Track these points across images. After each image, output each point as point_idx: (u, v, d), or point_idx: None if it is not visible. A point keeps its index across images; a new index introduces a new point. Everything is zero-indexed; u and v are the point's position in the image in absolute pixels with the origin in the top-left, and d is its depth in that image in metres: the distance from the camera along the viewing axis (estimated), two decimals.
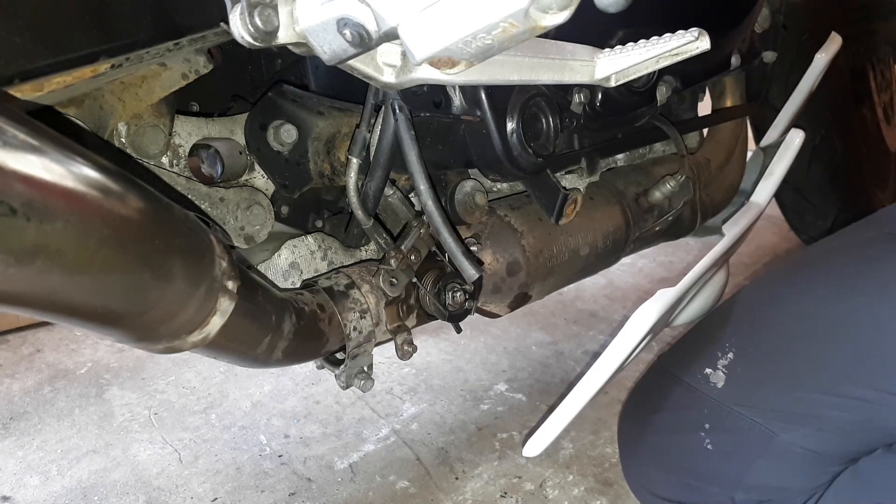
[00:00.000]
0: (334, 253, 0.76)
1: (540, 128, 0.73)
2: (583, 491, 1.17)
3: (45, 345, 1.73)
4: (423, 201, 0.66)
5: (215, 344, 0.53)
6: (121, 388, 1.54)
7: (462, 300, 0.73)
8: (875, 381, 0.67)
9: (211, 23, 0.55)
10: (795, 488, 0.74)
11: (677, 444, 0.80)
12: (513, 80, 0.58)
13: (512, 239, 0.83)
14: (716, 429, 0.76)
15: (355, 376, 0.69)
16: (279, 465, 1.26)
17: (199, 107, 0.76)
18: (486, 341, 1.68)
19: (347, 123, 0.72)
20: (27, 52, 0.47)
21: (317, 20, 0.46)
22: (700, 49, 0.62)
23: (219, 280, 0.51)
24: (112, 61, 0.52)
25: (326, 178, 0.72)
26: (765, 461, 0.74)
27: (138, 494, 1.20)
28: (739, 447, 0.75)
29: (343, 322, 0.66)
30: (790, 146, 1.19)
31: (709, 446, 0.77)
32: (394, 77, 0.53)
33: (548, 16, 0.42)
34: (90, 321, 0.44)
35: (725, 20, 0.95)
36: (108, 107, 0.59)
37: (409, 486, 1.20)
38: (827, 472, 0.74)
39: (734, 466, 0.76)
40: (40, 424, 1.41)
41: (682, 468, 0.80)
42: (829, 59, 1.23)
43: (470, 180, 0.79)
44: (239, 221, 0.69)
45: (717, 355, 0.77)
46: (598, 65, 0.63)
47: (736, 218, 1.16)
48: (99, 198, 0.41)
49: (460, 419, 1.39)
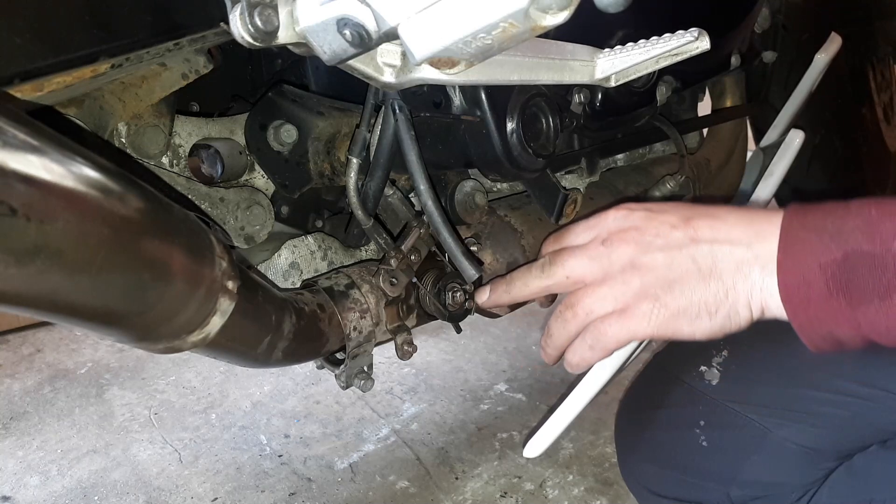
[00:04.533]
0: (334, 253, 0.76)
1: (540, 128, 0.73)
2: (583, 491, 1.17)
3: (45, 345, 1.73)
4: (423, 201, 0.66)
5: (215, 344, 0.53)
6: (121, 388, 1.54)
7: (462, 300, 0.73)
8: (869, 378, 0.67)
9: (211, 23, 0.55)
10: (790, 484, 0.75)
11: (673, 441, 0.81)
12: (513, 80, 0.58)
13: (512, 239, 0.83)
14: (711, 426, 0.77)
15: (355, 376, 0.69)
16: (279, 465, 1.26)
17: (199, 107, 0.76)
18: (486, 341, 1.68)
19: (347, 123, 0.72)
20: (27, 52, 0.47)
21: (317, 20, 0.46)
22: (700, 49, 0.62)
23: (219, 280, 0.51)
24: (112, 61, 0.52)
25: (326, 178, 0.73)
26: (759, 457, 0.74)
27: (138, 494, 1.20)
28: (734, 444, 0.75)
29: (343, 322, 0.66)
30: (790, 146, 1.19)
31: (704, 443, 0.77)
32: (394, 77, 0.53)
33: (548, 16, 0.42)
34: (90, 321, 0.44)
35: (725, 20, 0.95)
36: (108, 107, 0.59)
37: (409, 485, 1.20)
38: (821, 469, 0.74)
39: (729, 463, 0.76)
40: (40, 424, 1.41)
41: (678, 464, 0.80)
42: (829, 59, 1.23)
43: (470, 180, 0.79)
44: (239, 221, 0.69)
45: (712, 353, 0.77)
46: (598, 65, 0.63)
47: None
48: (99, 198, 0.41)
49: (460, 419, 1.39)
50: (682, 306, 0.59)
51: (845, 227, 0.53)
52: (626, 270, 0.60)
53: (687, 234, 0.59)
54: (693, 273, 0.58)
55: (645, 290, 0.60)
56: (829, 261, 0.52)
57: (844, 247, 0.52)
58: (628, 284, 0.60)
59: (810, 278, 0.53)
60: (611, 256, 0.61)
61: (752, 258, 0.56)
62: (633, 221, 0.62)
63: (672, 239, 0.59)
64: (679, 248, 0.59)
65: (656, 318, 0.59)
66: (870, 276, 0.51)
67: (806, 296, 0.54)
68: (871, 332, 0.53)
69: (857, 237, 0.52)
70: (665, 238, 0.59)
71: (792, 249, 0.54)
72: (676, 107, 1.08)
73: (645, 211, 0.62)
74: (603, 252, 0.62)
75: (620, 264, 0.61)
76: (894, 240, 0.50)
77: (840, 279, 0.52)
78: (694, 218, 0.60)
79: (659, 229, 0.60)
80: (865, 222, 0.52)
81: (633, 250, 0.60)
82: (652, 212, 0.62)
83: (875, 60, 1.80)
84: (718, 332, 0.59)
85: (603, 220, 0.64)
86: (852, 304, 0.52)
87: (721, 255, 0.57)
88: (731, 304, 0.58)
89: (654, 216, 0.61)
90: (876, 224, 0.51)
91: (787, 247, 0.55)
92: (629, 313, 0.60)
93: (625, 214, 0.63)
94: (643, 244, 0.60)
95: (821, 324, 0.54)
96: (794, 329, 0.56)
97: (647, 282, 0.59)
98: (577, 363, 0.64)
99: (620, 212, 0.63)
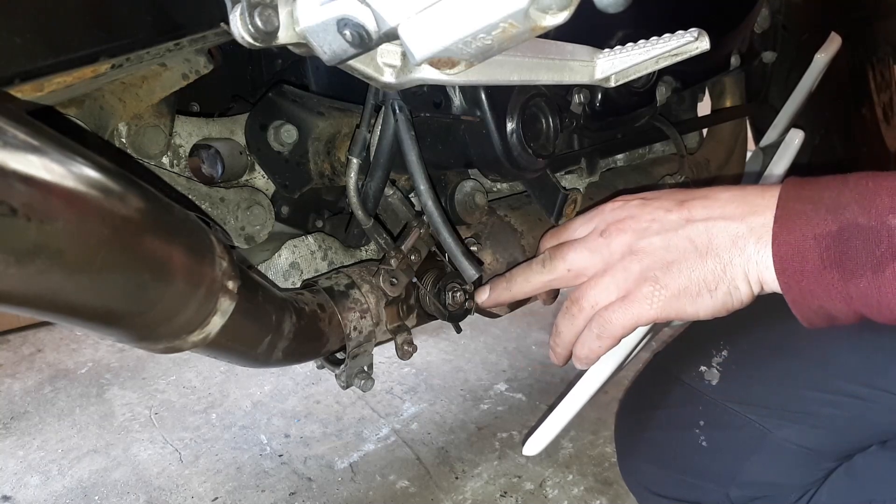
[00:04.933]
0: (334, 253, 0.76)
1: (540, 128, 0.73)
2: (582, 490, 1.17)
3: (45, 345, 1.73)
4: (423, 201, 0.66)
5: (216, 344, 0.53)
6: (121, 387, 1.54)
7: (462, 300, 0.74)
8: (869, 378, 0.67)
9: (211, 23, 0.55)
10: (790, 485, 0.75)
11: (673, 441, 0.81)
12: (513, 80, 0.58)
13: (512, 239, 0.83)
14: (710, 426, 0.77)
15: (355, 376, 0.69)
16: (279, 465, 1.27)
17: (199, 107, 0.76)
18: (486, 341, 1.68)
19: (347, 123, 0.72)
20: (27, 52, 0.47)
21: (317, 20, 0.46)
22: (700, 49, 0.62)
23: (219, 280, 0.51)
24: (112, 61, 0.52)
25: (326, 179, 0.73)
26: (759, 458, 0.74)
27: (139, 494, 1.20)
28: (734, 444, 0.76)
29: (343, 322, 0.66)
30: (790, 146, 1.19)
31: (704, 443, 0.77)
32: (394, 77, 0.53)
33: (547, 16, 0.42)
34: (90, 321, 0.44)
35: (725, 20, 0.95)
36: (108, 107, 0.59)
37: (409, 485, 1.20)
38: (821, 469, 0.74)
39: (729, 463, 0.76)
40: (41, 424, 1.41)
41: (678, 465, 0.80)
42: (829, 59, 1.23)
43: (470, 180, 0.79)
44: (239, 221, 0.69)
45: (712, 353, 0.77)
46: (598, 65, 0.63)
47: None
48: (99, 198, 0.41)
49: (460, 419, 1.39)
50: (682, 285, 0.59)
51: (841, 200, 0.53)
52: (626, 257, 0.61)
53: (682, 216, 0.60)
54: (690, 252, 0.59)
55: (644, 274, 0.60)
56: (824, 232, 0.52)
57: (840, 219, 0.52)
58: (629, 270, 0.61)
59: (805, 250, 0.53)
60: (610, 246, 0.62)
61: (747, 231, 0.56)
62: (629, 211, 0.62)
63: (667, 222, 0.60)
64: (675, 229, 0.60)
65: (658, 300, 0.60)
66: (863, 250, 0.51)
67: (800, 268, 0.54)
68: (862, 307, 0.53)
69: (853, 209, 0.52)
70: (661, 222, 0.60)
71: (787, 221, 0.54)
72: (676, 107, 1.08)
73: (639, 199, 0.63)
74: (602, 243, 0.62)
75: (620, 252, 0.61)
76: (889, 213, 0.50)
77: (834, 252, 0.52)
78: (687, 200, 0.61)
79: (654, 214, 0.61)
80: (861, 195, 0.52)
81: (630, 237, 0.61)
82: (646, 199, 0.63)
83: (875, 60, 1.80)
84: (721, 309, 0.60)
85: (600, 213, 0.65)
86: (845, 277, 0.52)
87: (716, 231, 0.58)
88: (731, 279, 0.58)
89: (648, 203, 0.62)
90: (872, 197, 0.51)
91: (782, 218, 0.55)
92: (631, 298, 0.61)
93: (620, 205, 0.64)
94: (640, 230, 0.61)
95: (813, 297, 0.54)
96: (788, 305, 0.56)
97: (645, 265, 0.60)
98: (586, 356, 0.65)
99: (616, 203, 0.64)
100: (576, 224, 0.67)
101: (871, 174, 0.53)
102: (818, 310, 0.55)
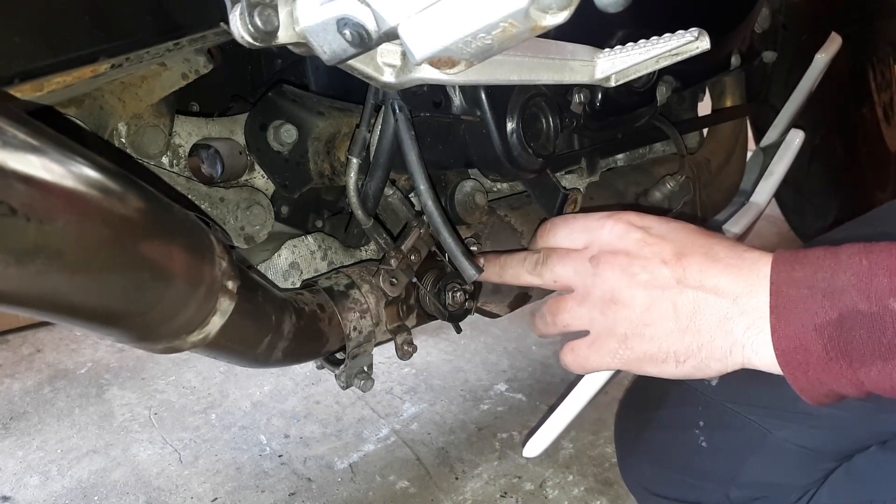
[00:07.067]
0: (334, 253, 0.76)
1: (540, 128, 0.73)
2: (583, 491, 1.17)
3: (45, 345, 1.73)
4: (423, 201, 0.66)
5: (215, 344, 0.53)
6: (121, 388, 1.54)
7: (462, 300, 0.73)
8: None
9: (211, 23, 0.55)
10: (790, 485, 0.75)
11: (672, 441, 0.81)
12: (513, 80, 0.58)
13: (512, 239, 0.83)
14: (710, 426, 0.77)
15: (355, 376, 0.69)
16: (279, 465, 1.26)
17: (199, 107, 0.76)
18: (486, 341, 1.68)
19: (347, 123, 0.72)
20: (27, 52, 0.47)
21: (317, 20, 0.46)
22: (700, 49, 0.62)
23: (219, 280, 0.51)
24: (112, 61, 0.52)
25: (326, 178, 0.73)
26: (759, 458, 0.74)
27: (138, 494, 1.20)
28: (734, 444, 0.76)
29: (343, 322, 0.66)
30: (790, 146, 1.19)
31: (703, 443, 0.77)
32: (394, 77, 0.53)
33: (548, 16, 0.42)
34: (90, 321, 0.44)
35: (725, 20, 0.95)
36: (108, 107, 0.59)
37: (409, 486, 1.20)
38: (821, 469, 0.74)
39: (728, 463, 0.76)
40: (40, 424, 1.41)
41: (678, 465, 0.80)
42: (829, 59, 1.23)
43: (470, 180, 0.79)
44: (239, 221, 0.69)
45: None
46: (598, 65, 0.63)
47: (736, 218, 1.16)
48: (99, 198, 0.41)
49: (460, 419, 1.39)
50: (650, 352, 0.58)
51: (837, 283, 0.50)
52: (605, 300, 0.59)
53: (675, 275, 0.57)
54: (669, 322, 0.57)
55: (615, 329, 0.59)
56: (825, 322, 0.50)
57: (839, 306, 0.50)
58: (604, 315, 0.59)
59: (807, 342, 0.51)
60: (595, 278, 0.60)
61: (738, 314, 0.54)
62: (627, 244, 0.60)
63: (658, 276, 0.57)
64: (662, 288, 0.57)
65: (621, 359, 0.59)
66: (869, 339, 0.49)
67: (804, 360, 0.52)
68: (875, 390, 0.51)
69: (851, 295, 0.50)
70: (651, 273, 0.58)
71: (784, 311, 0.52)
72: (676, 107, 1.08)
73: (642, 233, 0.60)
74: (589, 270, 0.61)
75: (601, 291, 0.60)
76: (890, 297, 0.48)
77: (838, 342, 0.50)
78: (686, 255, 0.57)
79: (648, 262, 0.58)
80: (858, 277, 0.50)
81: (616, 279, 0.59)
82: (649, 236, 0.60)
83: (875, 60, 1.81)
84: (683, 378, 0.59)
85: (600, 228, 0.62)
86: (853, 365, 0.50)
87: (704, 307, 0.55)
88: (704, 357, 0.56)
89: (647, 244, 0.59)
90: (869, 278, 0.49)
91: (778, 308, 0.52)
92: (596, 346, 0.60)
93: (622, 231, 0.60)
94: (628, 274, 0.58)
95: (822, 384, 0.52)
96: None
97: (620, 319, 0.59)
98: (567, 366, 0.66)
99: (619, 225, 0.61)
100: (575, 226, 0.64)
101: (863, 248, 0.51)
102: (828, 393, 0.53)
